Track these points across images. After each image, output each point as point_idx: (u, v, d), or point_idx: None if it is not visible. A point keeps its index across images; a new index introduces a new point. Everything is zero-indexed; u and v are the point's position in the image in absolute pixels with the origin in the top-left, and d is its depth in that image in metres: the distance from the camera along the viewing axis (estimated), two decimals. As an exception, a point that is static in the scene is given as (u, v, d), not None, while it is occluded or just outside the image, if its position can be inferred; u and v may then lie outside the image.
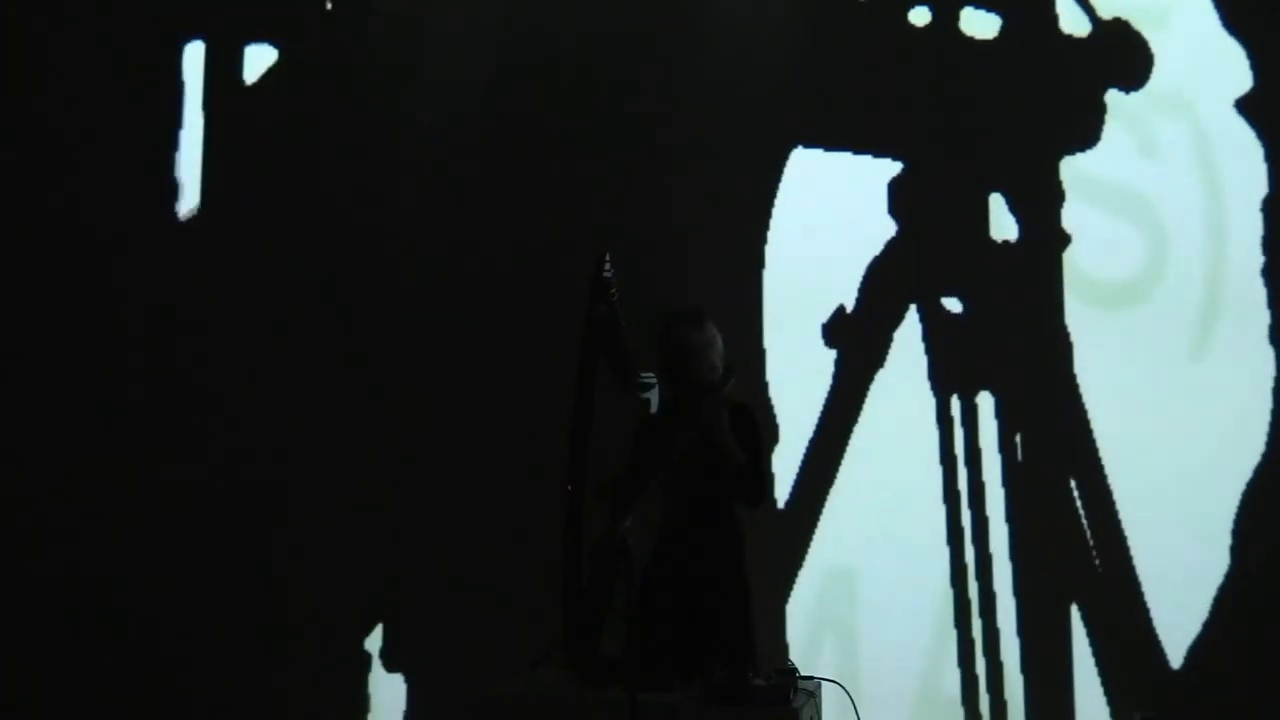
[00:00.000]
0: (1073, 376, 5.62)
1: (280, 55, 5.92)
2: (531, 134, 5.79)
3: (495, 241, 5.77)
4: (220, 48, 5.92)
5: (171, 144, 5.90)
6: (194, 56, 5.92)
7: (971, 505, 5.62)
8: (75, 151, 5.84)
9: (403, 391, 5.74)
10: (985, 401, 5.66)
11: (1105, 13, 5.70)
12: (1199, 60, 5.63)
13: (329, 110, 5.87)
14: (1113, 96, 5.67)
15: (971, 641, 5.60)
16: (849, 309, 5.68)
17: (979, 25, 5.75)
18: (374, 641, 5.71)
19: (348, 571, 5.70)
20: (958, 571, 5.61)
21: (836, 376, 5.68)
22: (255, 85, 5.91)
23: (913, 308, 5.70)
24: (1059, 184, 5.66)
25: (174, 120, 5.90)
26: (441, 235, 5.82)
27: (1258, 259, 5.60)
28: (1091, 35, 5.71)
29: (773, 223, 5.73)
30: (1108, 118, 5.67)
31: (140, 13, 5.91)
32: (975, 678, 5.59)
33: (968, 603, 5.60)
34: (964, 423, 5.65)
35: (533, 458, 5.46)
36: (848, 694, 4.05)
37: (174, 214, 5.87)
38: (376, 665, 5.71)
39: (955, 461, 5.64)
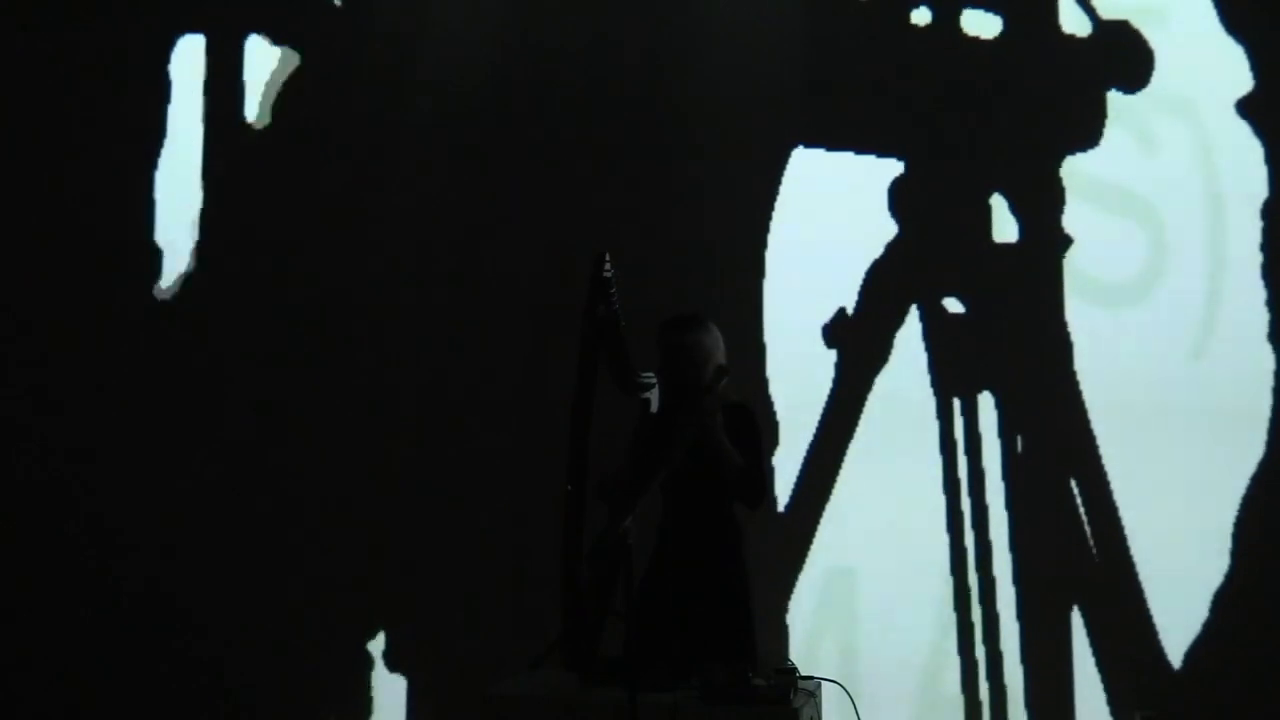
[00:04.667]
0: (1073, 376, 5.62)
1: (281, 52, 5.93)
2: (531, 134, 5.79)
3: (495, 241, 5.77)
4: (219, 44, 5.93)
5: (171, 142, 5.91)
6: (194, 53, 5.92)
7: (972, 506, 5.62)
8: (72, 149, 5.85)
9: (403, 391, 5.75)
10: (986, 402, 5.67)
11: (1105, 13, 5.70)
12: (1199, 60, 5.63)
13: (327, 109, 5.87)
14: (1113, 96, 5.67)
15: (972, 643, 5.60)
16: (850, 310, 5.68)
17: (979, 25, 5.75)
18: (374, 641, 5.72)
19: (348, 571, 5.70)
20: (958, 573, 5.61)
21: (837, 377, 5.68)
22: (255, 82, 5.92)
23: (914, 308, 5.70)
24: (1060, 185, 5.67)
25: (172, 118, 5.91)
26: (440, 236, 5.82)
27: (1258, 259, 5.61)
28: (1091, 35, 5.71)
29: (773, 223, 5.73)
30: (1108, 118, 5.67)
31: (137, 8, 5.92)
32: (976, 679, 5.59)
33: (968, 605, 5.60)
34: (965, 423, 5.65)
35: (532, 457, 5.46)
36: (848, 694, 4.05)
37: (172, 212, 5.88)
38: (376, 665, 5.71)
39: (956, 462, 5.64)
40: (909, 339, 5.69)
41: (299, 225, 5.83)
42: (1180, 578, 5.50)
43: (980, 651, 5.60)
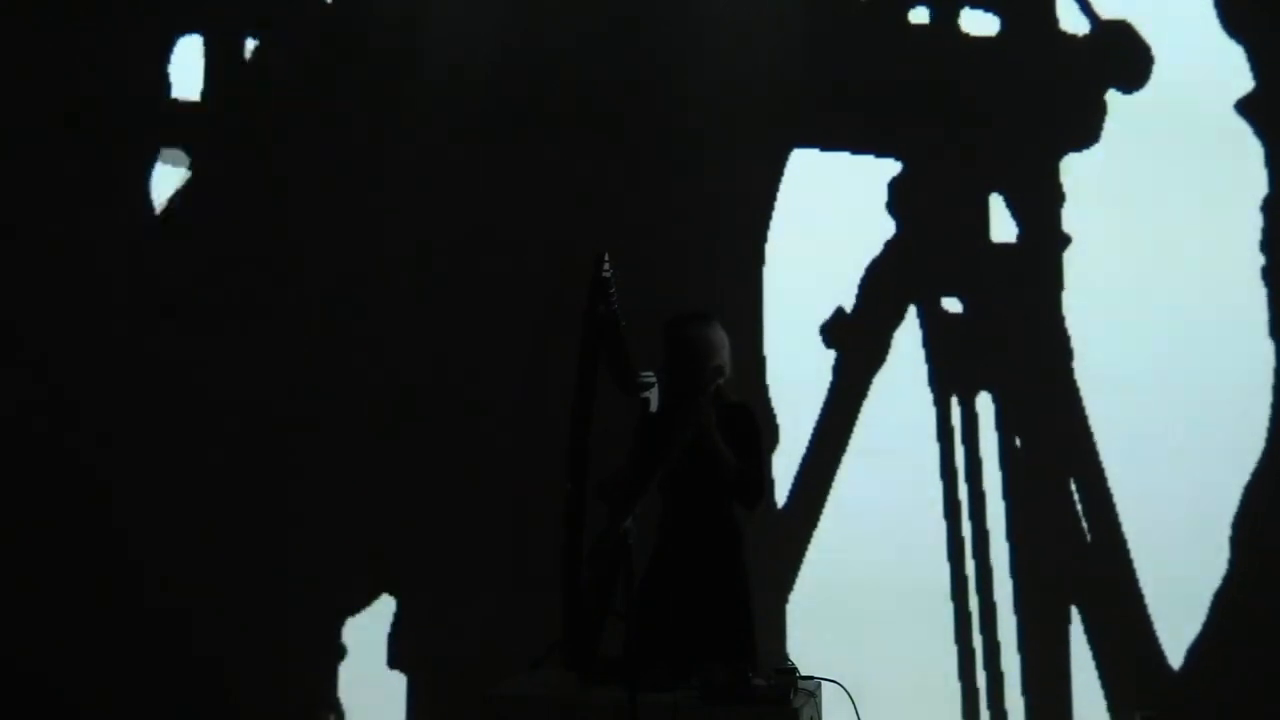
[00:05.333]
0: (1072, 376, 5.62)
1: (281, 51, 5.93)
2: (531, 133, 5.79)
3: (495, 241, 5.77)
4: (217, 44, 5.94)
5: (171, 140, 5.92)
6: (192, 52, 5.93)
7: (971, 503, 5.62)
8: (73, 149, 5.86)
9: (403, 391, 5.74)
10: (985, 402, 5.66)
11: (1105, 13, 5.71)
12: (1199, 60, 5.64)
13: (327, 109, 5.87)
14: (1113, 96, 5.67)
15: (971, 644, 5.60)
16: (849, 309, 5.68)
17: (979, 25, 5.75)
18: (374, 641, 5.71)
19: (347, 571, 5.71)
20: (957, 573, 5.61)
21: (836, 377, 5.68)
22: (254, 81, 5.92)
23: (913, 308, 5.70)
24: (1059, 184, 5.67)
25: (173, 116, 5.92)
26: (440, 236, 5.82)
27: (1258, 259, 5.61)
28: (1091, 35, 5.71)
29: (773, 223, 5.73)
30: (1108, 118, 5.67)
31: (137, 8, 5.94)
32: (974, 679, 5.59)
33: (967, 604, 5.60)
34: (963, 423, 5.65)
35: (533, 458, 5.46)
36: (848, 694, 4.04)
37: (173, 209, 5.89)
38: (377, 665, 5.70)
39: (955, 461, 5.64)
40: (908, 339, 5.69)
41: (298, 225, 5.83)
42: (1180, 578, 5.50)
43: (979, 652, 5.59)
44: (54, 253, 5.83)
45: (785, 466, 5.63)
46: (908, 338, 5.69)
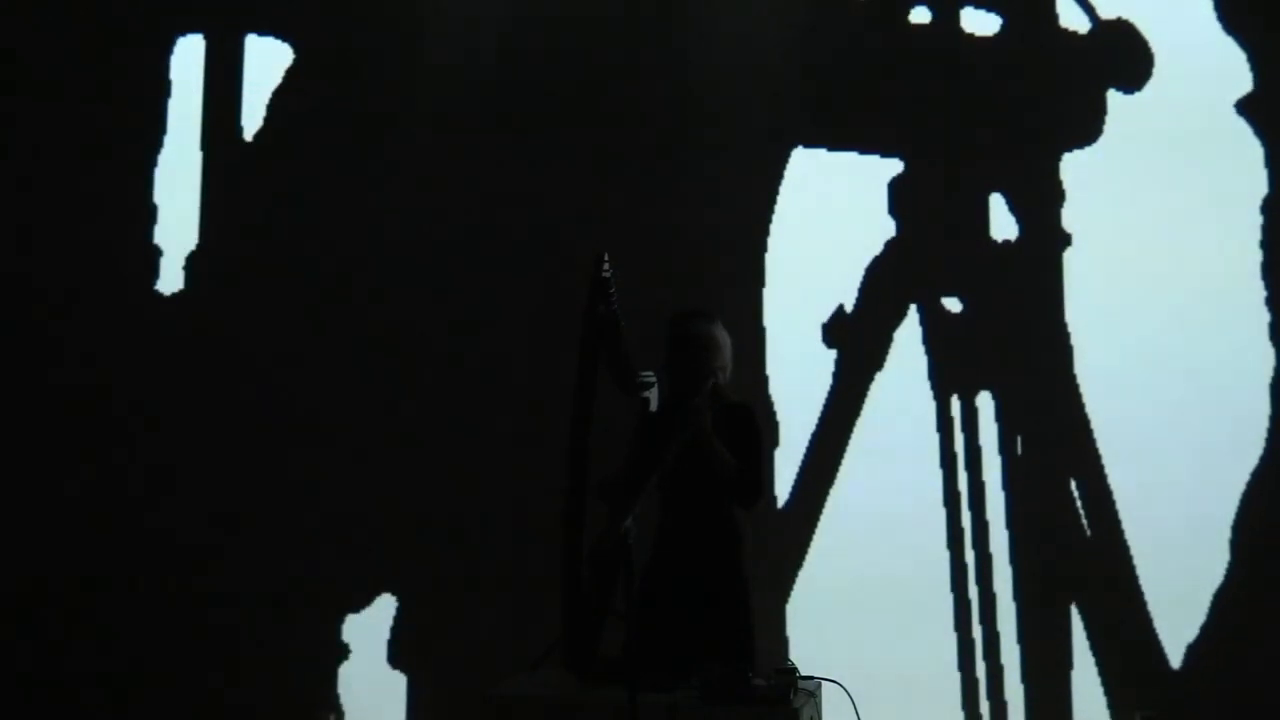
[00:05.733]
0: (1073, 376, 5.62)
1: (281, 48, 5.94)
2: (531, 134, 5.79)
3: (495, 241, 5.77)
4: (219, 44, 5.94)
5: (172, 139, 5.92)
6: (193, 50, 5.93)
7: (971, 505, 5.62)
8: (73, 148, 5.86)
9: (404, 391, 5.74)
10: (985, 401, 5.66)
11: (1105, 13, 5.71)
12: (1199, 60, 5.64)
13: (327, 108, 5.87)
14: (1113, 96, 5.67)
15: (971, 642, 5.60)
16: (849, 309, 5.68)
17: (979, 25, 5.75)
18: (374, 640, 5.71)
19: (347, 571, 5.70)
20: (958, 570, 5.61)
21: (836, 376, 5.68)
22: (255, 81, 5.92)
23: (913, 308, 5.70)
24: (1059, 184, 5.67)
25: (174, 113, 5.92)
26: (440, 236, 5.82)
27: (1257, 258, 5.61)
28: (1091, 35, 5.71)
29: (773, 222, 5.73)
30: (1108, 118, 5.67)
31: (137, 8, 5.94)
32: (975, 677, 5.59)
33: (968, 601, 5.60)
34: (964, 423, 5.65)
35: (532, 457, 5.46)
36: (848, 694, 4.04)
37: (172, 211, 5.89)
38: (377, 665, 5.70)
39: (955, 461, 5.64)
40: (908, 338, 5.69)
41: (298, 226, 5.83)
42: (1180, 578, 5.50)
43: (979, 650, 5.59)
44: (56, 253, 5.82)
45: (786, 466, 5.63)
46: (908, 337, 5.69)
